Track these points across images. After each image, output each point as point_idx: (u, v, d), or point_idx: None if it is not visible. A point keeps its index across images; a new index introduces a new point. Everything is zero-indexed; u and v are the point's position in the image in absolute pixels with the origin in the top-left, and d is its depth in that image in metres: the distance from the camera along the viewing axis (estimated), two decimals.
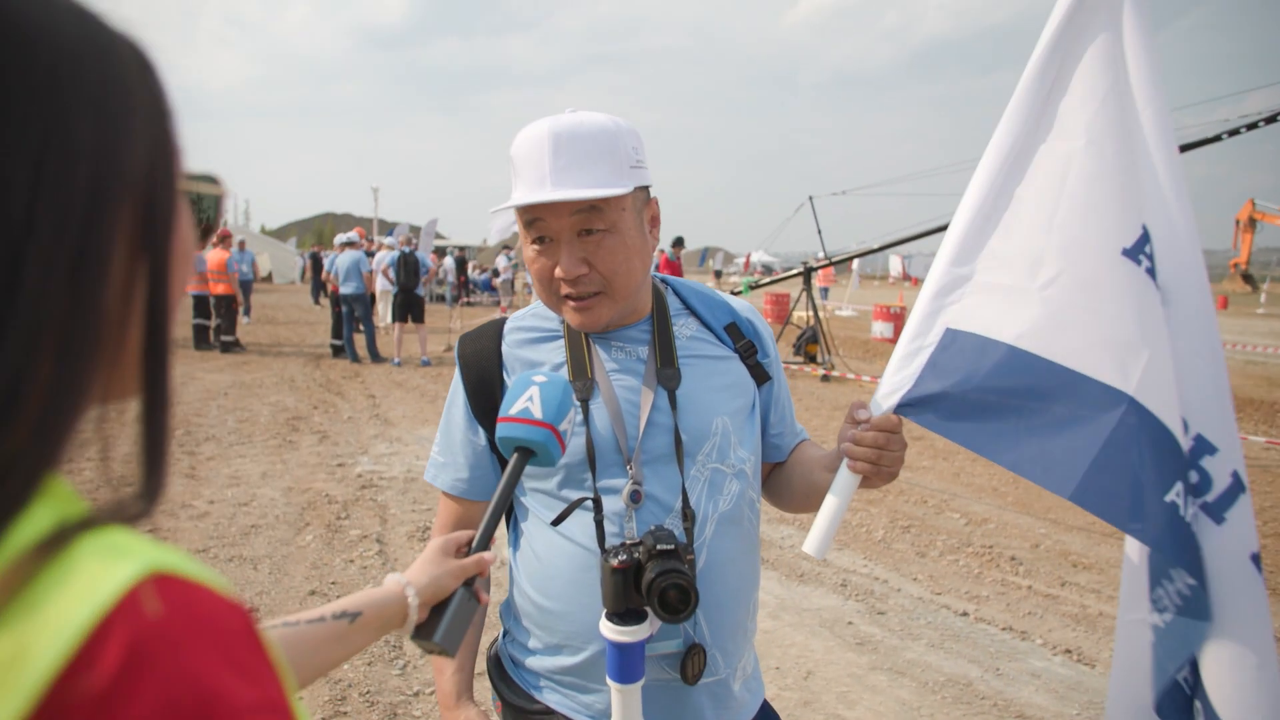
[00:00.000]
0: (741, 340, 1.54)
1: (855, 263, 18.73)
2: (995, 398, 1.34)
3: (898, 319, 18.22)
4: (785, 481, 1.63)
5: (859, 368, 13.63)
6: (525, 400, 1.18)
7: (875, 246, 11.69)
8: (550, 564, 1.45)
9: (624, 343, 1.47)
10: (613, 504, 1.39)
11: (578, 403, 1.26)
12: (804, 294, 12.84)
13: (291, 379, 11.70)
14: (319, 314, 22.33)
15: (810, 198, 12.61)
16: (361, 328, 13.68)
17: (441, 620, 1.08)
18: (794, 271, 13.30)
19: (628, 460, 1.38)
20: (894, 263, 53.61)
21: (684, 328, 1.52)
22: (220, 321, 14.45)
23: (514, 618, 1.54)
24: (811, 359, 13.08)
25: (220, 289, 14.21)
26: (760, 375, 1.55)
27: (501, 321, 1.58)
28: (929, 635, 4.27)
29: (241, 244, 17.04)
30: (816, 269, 12.57)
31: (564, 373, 1.45)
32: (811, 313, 12.77)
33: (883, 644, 4.16)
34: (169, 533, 5.36)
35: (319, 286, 24.76)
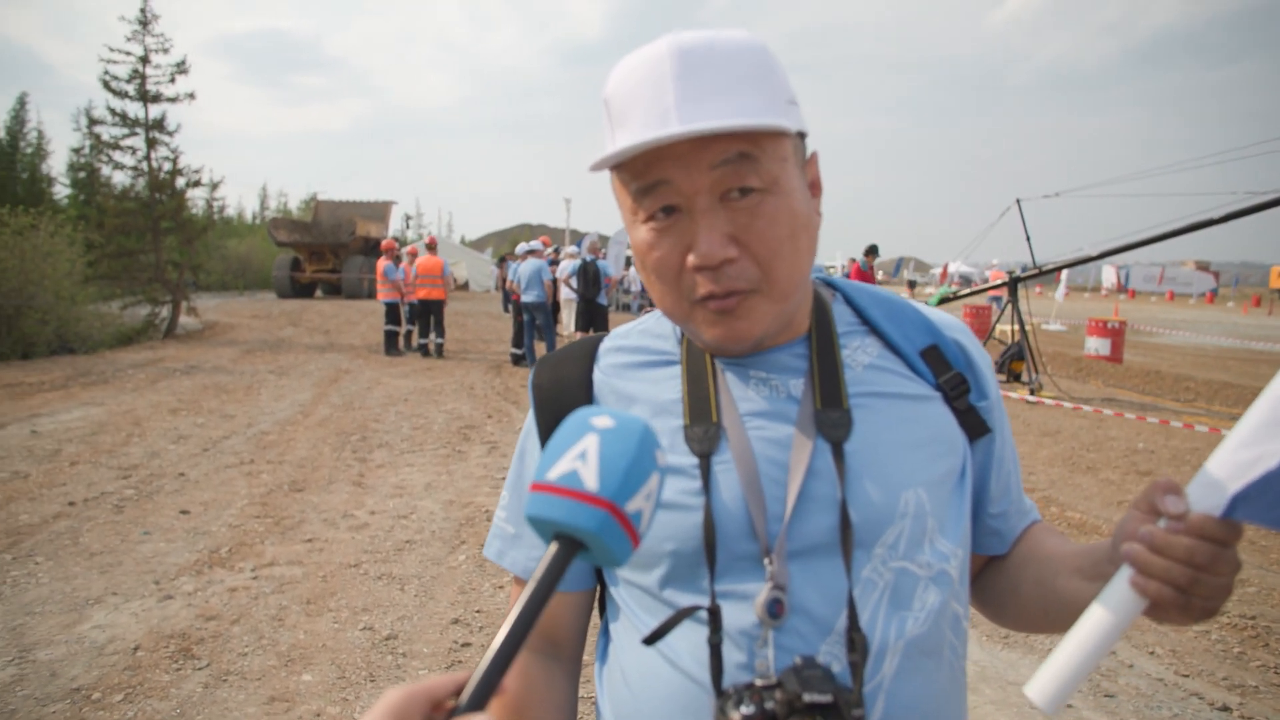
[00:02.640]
0: (948, 372, 1.02)
1: (1064, 274, 16.98)
2: None
3: (1116, 334, 16.36)
4: (1010, 586, 1.08)
5: (1069, 388, 12.26)
6: (574, 458, 0.71)
7: (1093, 254, 10.35)
8: (644, 696, 0.97)
9: (768, 371, 1.00)
10: (740, 617, 0.91)
11: (665, 465, 0.76)
12: (1009, 306, 11.65)
13: (471, 386, 11.85)
14: (507, 321, 22.94)
15: (1018, 201, 11.38)
16: (543, 336, 13.78)
17: None
18: (995, 283, 12.14)
19: (766, 552, 0.91)
20: (1107, 273, 49.15)
21: (859, 351, 1.02)
22: (418, 326, 14.96)
23: None
24: (1016, 377, 11.87)
25: (425, 294, 14.65)
26: (975, 426, 1.03)
27: (597, 340, 1.12)
28: None
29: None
30: (1024, 279, 11.37)
31: (678, 414, 0.98)
32: (1018, 326, 11.56)
33: None
34: (326, 543, 5.29)
35: (507, 294, 25.62)
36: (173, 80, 19.55)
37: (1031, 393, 11.27)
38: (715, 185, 0.87)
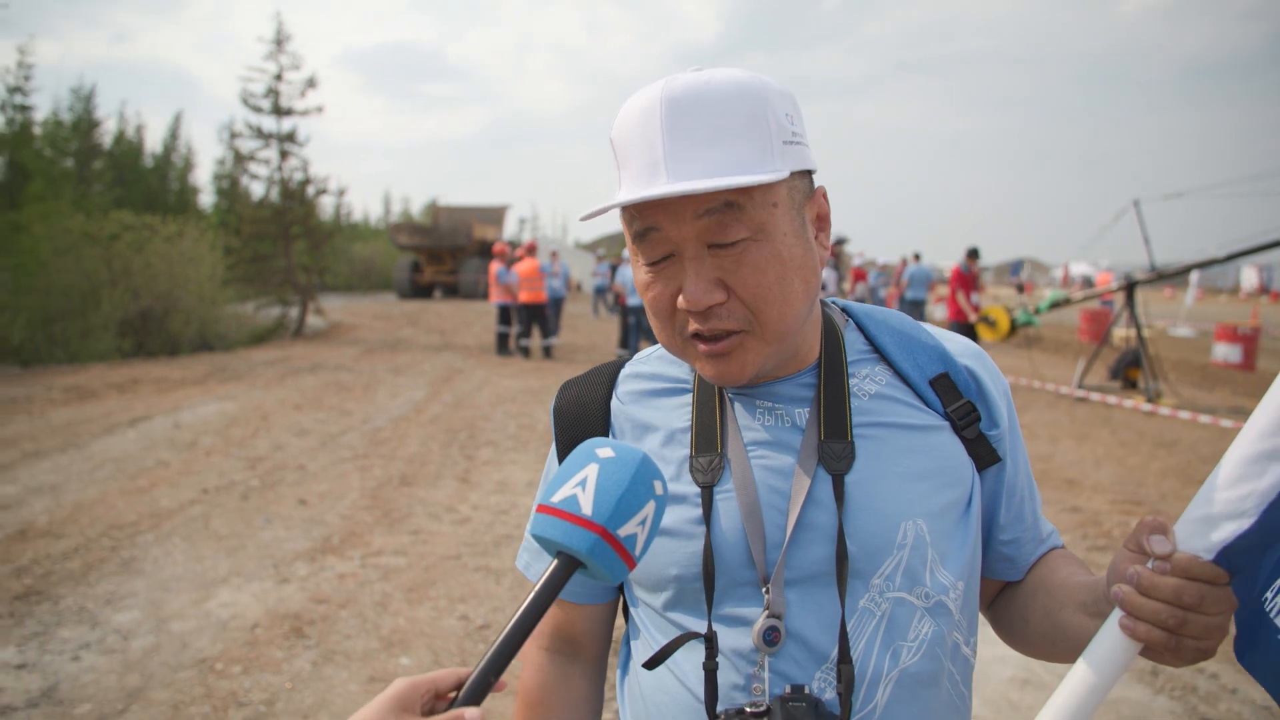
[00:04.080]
0: (957, 401, 1.04)
1: (1194, 275, 16.00)
2: None
3: (1248, 341, 15.25)
4: (1021, 614, 1.10)
5: (1193, 398, 11.60)
6: (575, 485, 0.81)
7: (1219, 256, 9.77)
8: (655, 710, 1.05)
9: (774, 401, 1.03)
10: (738, 642, 0.96)
11: (662, 494, 0.85)
12: (1125, 310, 11.12)
13: None
14: (612, 323, 23.28)
15: (1135, 202, 10.84)
16: (649, 338, 14.01)
17: None
18: (1106, 288, 11.59)
19: (764, 580, 0.96)
20: (1247, 275, 45.82)
21: (868, 380, 1.04)
22: (520, 328, 15.44)
23: None
24: (1132, 385, 11.32)
25: (526, 297, 15.12)
26: (985, 454, 1.04)
27: (617, 366, 1.18)
28: None
29: (554, 255, 17.76)
30: (1142, 283, 10.83)
31: (686, 443, 1.04)
32: (1134, 331, 11.03)
33: None
34: (429, 535, 5.60)
35: (615, 296, 26.00)
36: (303, 95, 20.76)
37: (1149, 400, 10.73)
38: (702, 234, 0.91)
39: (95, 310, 15.34)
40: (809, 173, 0.99)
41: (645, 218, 0.93)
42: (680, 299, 0.94)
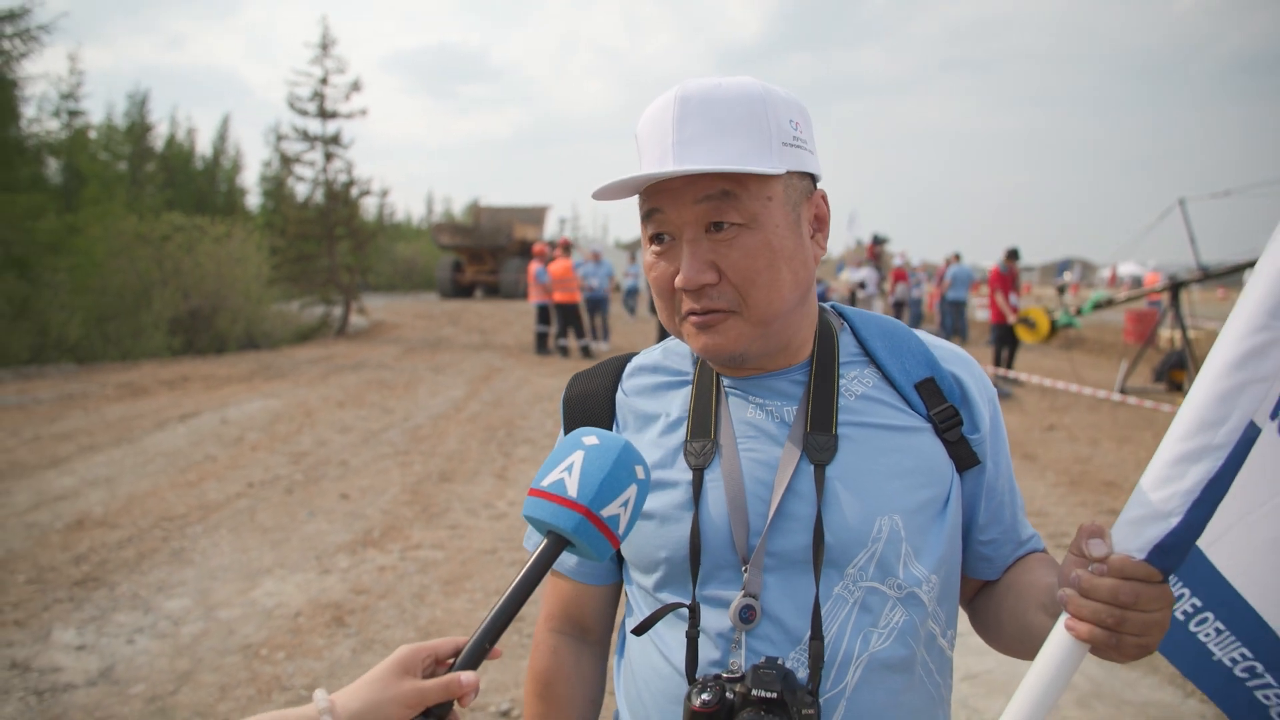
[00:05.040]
0: (940, 405, 1.09)
1: (1247, 275, 15.63)
2: None
3: None
4: (995, 613, 1.15)
5: None
6: (563, 469, 0.89)
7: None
8: (642, 681, 1.13)
9: (766, 396, 1.11)
10: (717, 620, 1.04)
11: (643, 478, 0.92)
12: (1170, 311, 10.94)
13: None
14: (654, 321, 23.36)
15: (1181, 201, 10.65)
16: None
17: None
18: (1150, 289, 11.40)
19: (744, 561, 1.03)
20: None
21: (856, 381, 1.11)
22: (558, 328, 15.58)
23: None
24: (1177, 387, 11.13)
25: (561, 297, 15.23)
26: (965, 457, 1.09)
27: (625, 360, 1.26)
28: None
29: (596, 255, 17.38)
30: (1187, 283, 10.64)
31: (683, 431, 1.12)
32: (1180, 333, 10.84)
33: None
34: (467, 530, 5.73)
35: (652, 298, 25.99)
36: (347, 98, 21.16)
37: None
38: (700, 218, 0.99)
39: (147, 309, 15.81)
40: (812, 177, 1.07)
41: (651, 199, 1.03)
42: (677, 279, 1.02)
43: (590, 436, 0.93)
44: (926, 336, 1.17)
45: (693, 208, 0.99)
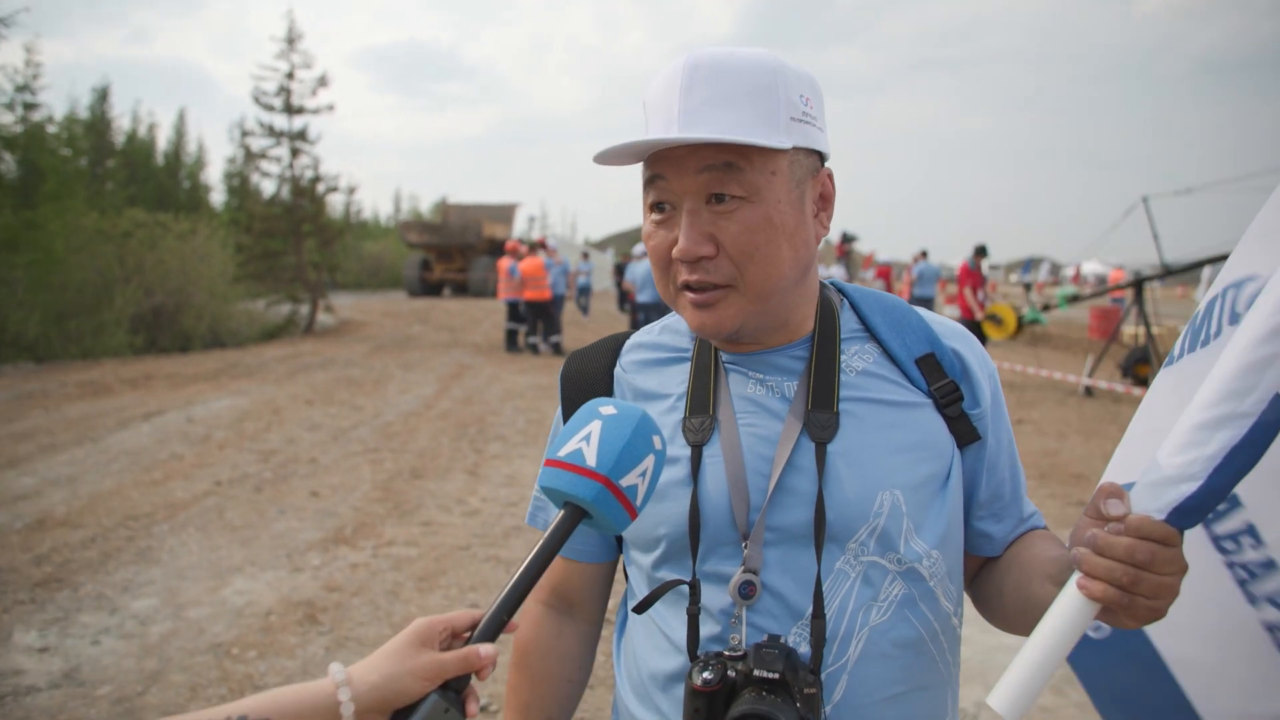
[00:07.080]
0: (941, 380, 1.08)
1: (1206, 272, 15.87)
2: None
3: None
4: (996, 588, 1.14)
5: None
6: (580, 440, 0.87)
7: (1227, 252, 9.78)
8: (644, 659, 1.12)
9: (766, 372, 1.09)
10: (718, 596, 1.03)
11: (660, 449, 0.91)
12: (1134, 307, 11.12)
13: None
14: (623, 320, 23.35)
15: (1144, 199, 10.83)
16: None
17: None
18: (1115, 285, 11.61)
19: (744, 537, 1.02)
20: None
21: (857, 357, 1.09)
22: (528, 326, 15.51)
23: None
24: (1141, 381, 11.33)
25: (531, 295, 15.17)
26: (966, 432, 1.08)
27: (623, 337, 1.24)
28: None
29: (584, 255, 17.24)
30: (1150, 279, 10.82)
31: (682, 408, 1.10)
32: (1144, 328, 11.03)
33: None
34: (440, 526, 5.67)
35: (623, 294, 26.03)
36: (314, 93, 20.89)
37: None
38: (702, 188, 0.97)
39: (108, 307, 15.49)
40: (820, 155, 1.04)
41: (654, 166, 1.01)
42: (675, 249, 1.00)
43: (607, 406, 0.91)
44: (927, 313, 1.16)
45: (694, 177, 0.97)
